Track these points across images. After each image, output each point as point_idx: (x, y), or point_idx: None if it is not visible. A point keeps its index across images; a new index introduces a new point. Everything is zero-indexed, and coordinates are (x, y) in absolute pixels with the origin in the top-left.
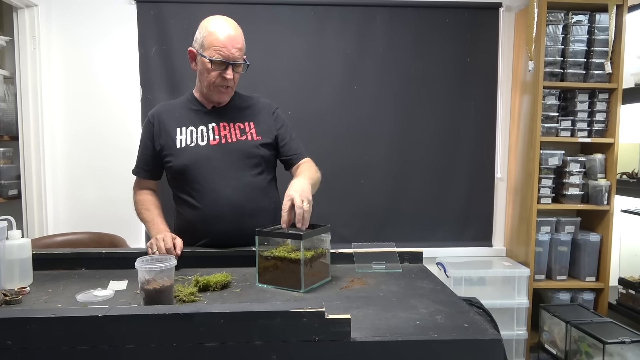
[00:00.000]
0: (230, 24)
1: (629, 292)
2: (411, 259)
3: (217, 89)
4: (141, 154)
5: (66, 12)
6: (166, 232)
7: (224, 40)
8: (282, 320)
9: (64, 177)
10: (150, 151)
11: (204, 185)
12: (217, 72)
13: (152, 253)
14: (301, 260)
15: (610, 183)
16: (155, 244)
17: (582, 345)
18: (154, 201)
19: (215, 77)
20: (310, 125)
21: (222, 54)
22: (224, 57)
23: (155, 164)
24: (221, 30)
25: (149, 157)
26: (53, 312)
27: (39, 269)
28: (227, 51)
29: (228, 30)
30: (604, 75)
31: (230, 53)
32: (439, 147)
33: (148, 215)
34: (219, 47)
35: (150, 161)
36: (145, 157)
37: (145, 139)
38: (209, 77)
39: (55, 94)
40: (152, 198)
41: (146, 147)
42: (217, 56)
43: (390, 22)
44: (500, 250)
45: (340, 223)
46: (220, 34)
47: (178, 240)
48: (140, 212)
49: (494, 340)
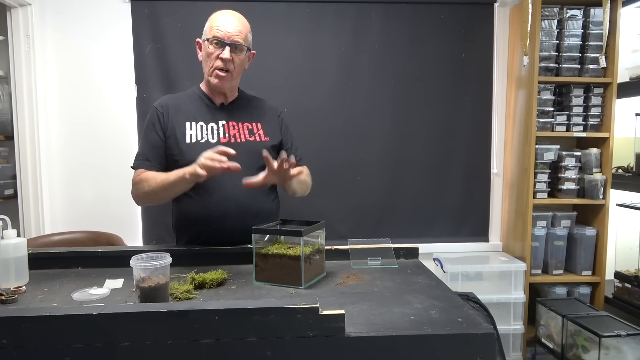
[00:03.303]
0: (234, 13)
1: (624, 286)
2: (407, 255)
3: (215, 73)
4: (151, 146)
5: (60, 11)
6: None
7: (220, 22)
8: (277, 317)
9: (60, 176)
10: (162, 142)
11: (211, 184)
12: (215, 54)
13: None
14: (301, 256)
15: (606, 177)
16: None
17: (579, 339)
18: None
19: (214, 59)
20: (305, 122)
21: (219, 34)
22: (220, 36)
23: (165, 157)
24: (222, 15)
25: (161, 149)
26: (48, 310)
27: (35, 268)
28: (223, 30)
29: (228, 15)
30: (599, 70)
31: (228, 33)
32: (435, 143)
33: (166, 174)
34: (215, 26)
35: (162, 154)
36: (157, 150)
37: (155, 131)
38: (208, 61)
39: (50, 93)
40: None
41: (157, 138)
42: (213, 35)
43: (385, 19)
44: (497, 246)
45: (337, 220)
46: (220, 17)
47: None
48: (154, 177)
49: (487, 334)
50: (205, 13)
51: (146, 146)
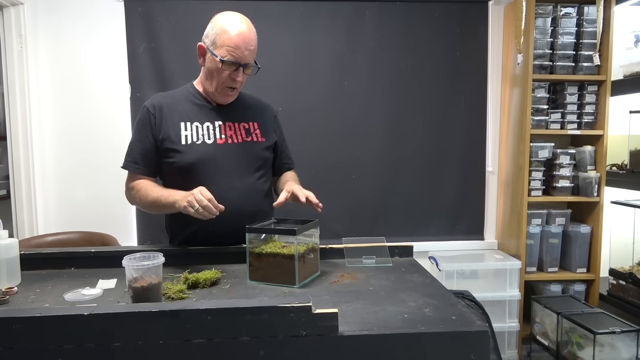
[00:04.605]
0: (245, 24)
1: (619, 283)
2: (401, 253)
3: (224, 91)
4: (140, 148)
5: (53, 10)
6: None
7: (237, 41)
8: (270, 316)
9: (53, 177)
10: (152, 145)
11: (208, 186)
12: (227, 73)
13: (195, 210)
14: (295, 255)
15: (600, 175)
16: (194, 198)
17: (573, 336)
18: (156, 184)
19: (224, 77)
20: (300, 122)
21: (235, 55)
22: (236, 58)
23: (157, 160)
24: (235, 30)
25: (151, 152)
26: (39, 311)
27: (28, 269)
28: (239, 52)
29: (242, 30)
30: (593, 68)
31: (243, 55)
32: (430, 141)
33: (159, 191)
34: (232, 47)
35: (152, 157)
36: (146, 152)
37: (145, 132)
38: (218, 78)
39: (43, 92)
40: (153, 182)
41: (146, 141)
42: (229, 57)
43: (380, 17)
44: (492, 244)
45: (332, 219)
46: (234, 33)
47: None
48: (146, 195)
49: (481, 332)
50: (199, 12)
51: (135, 148)
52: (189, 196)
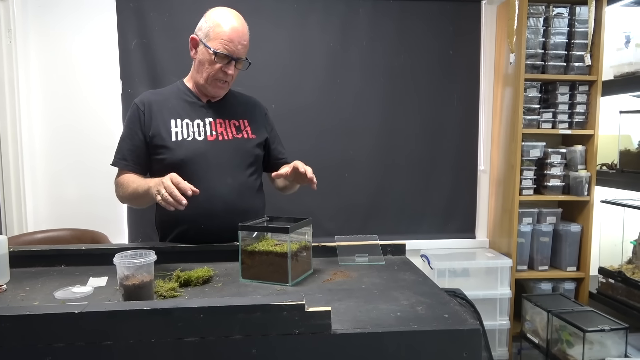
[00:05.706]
0: (238, 19)
1: (608, 282)
2: (394, 252)
3: (215, 83)
4: (130, 145)
5: (42, 4)
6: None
7: (231, 34)
8: (262, 314)
9: (43, 174)
10: (142, 142)
11: (199, 183)
12: (219, 66)
13: (162, 199)
14: (288, 253)
15: (591, 174)
16: (163, 185)
17: (563, 334)
18: (138, 176)
19: (216, 70)
20: (294, 120)
21: (228, 48)
22: (229, 51)
23: (146, 157)
24: (229, 24)
25: (140, 149)
26: (28, 309)
27: (17, 267)
28: (232, 46)
29: (236, 24)
30: (584, 68)
31: (236, 48)
32: (423, 140)
33: (138, 181)
34: (225, 40)
35: (141, 153)
36: (135, 149)
37: (134, 129)
38: (209, 69)
39: (32, 88)
40: (136, 176)
41: (135, 138)
42: (222, 49)
43: (374, 15)
44: (483, 242)
45: (325, 217)
46: (228, 27)
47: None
48: (127, 188)
49: (473, 330)
50: (192, 8)
51: (125, 145)
52: (159, 184)
